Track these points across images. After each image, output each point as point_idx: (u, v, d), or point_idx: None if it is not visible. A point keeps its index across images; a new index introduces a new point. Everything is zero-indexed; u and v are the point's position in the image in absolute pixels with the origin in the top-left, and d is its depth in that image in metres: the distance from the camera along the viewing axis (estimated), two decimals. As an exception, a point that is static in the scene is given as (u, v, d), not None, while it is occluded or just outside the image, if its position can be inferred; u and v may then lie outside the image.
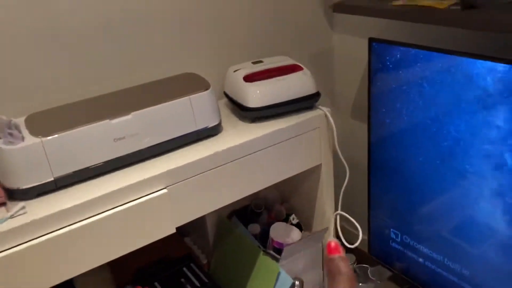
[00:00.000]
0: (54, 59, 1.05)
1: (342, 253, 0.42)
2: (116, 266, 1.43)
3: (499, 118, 0.84)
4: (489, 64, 0.82)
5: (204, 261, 1.47)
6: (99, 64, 1.11)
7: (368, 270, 1.23)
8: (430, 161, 1.01)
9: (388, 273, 1.28)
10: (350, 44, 1.43)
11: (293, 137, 1.15)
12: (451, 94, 0.91)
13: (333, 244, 0.43)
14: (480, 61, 0.83)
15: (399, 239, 1.17)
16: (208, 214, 1.44)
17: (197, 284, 1.32)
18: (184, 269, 1.38)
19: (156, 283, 1.33)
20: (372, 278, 1.18)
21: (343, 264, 0.41)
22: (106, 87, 1.11)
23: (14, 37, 0.99)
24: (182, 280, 1.34)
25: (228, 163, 1.06)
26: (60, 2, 1.02)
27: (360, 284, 1.20)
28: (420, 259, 1.12)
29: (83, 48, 1.08)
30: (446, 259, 1.06)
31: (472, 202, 0.94)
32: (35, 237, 0.85)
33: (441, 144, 0.97)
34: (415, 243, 1.12)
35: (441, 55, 0.90)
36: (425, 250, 1.10)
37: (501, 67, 0.81)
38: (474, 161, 0.91)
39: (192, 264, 1.39)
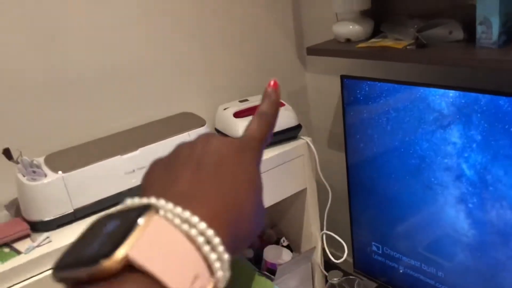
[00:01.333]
0: (66, 105, 1.17)
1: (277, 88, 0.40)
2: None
3: (454, 135, 1.01)
4: (441, 91, 0.99)
5: None
6: (105, 108, 1.24)
7: (355, 283, 1.35)
8: (401, 177, 1.16)
9: (373, 285, 1.40)
10: (321, 82, 1.61)
11: (280, 165, 1.29)
12: (414, 118, 1.08)
13: (272, 82, 0.40)
14: (434, 89, 1.00)
15: (380, 251, 1.30)
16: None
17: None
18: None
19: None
20: (358, 290, 1.30)
21: (274, 91, 0.40)
22: (113, 128, 1.23)
23: (30, 88, 1.12)
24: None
25: (225, 190, 1.18)
26: (69, 53, 1.16)
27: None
28: (401, 267, 1.26)
29: (91, 94, 1.21)
30: (422, 264, 1.19)
31: (439, 210, 1.09)
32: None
33: (409, 162, 1.13)
34: (395, 253, 1.26)
35: (402, 86, 1.07)
36: (404, 258, 1.23)
37: (451, 93, 0.98)
38: (437, 174, 1.07)
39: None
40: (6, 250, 0.94)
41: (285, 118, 1.33)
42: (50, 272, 0.90)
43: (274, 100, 0.40)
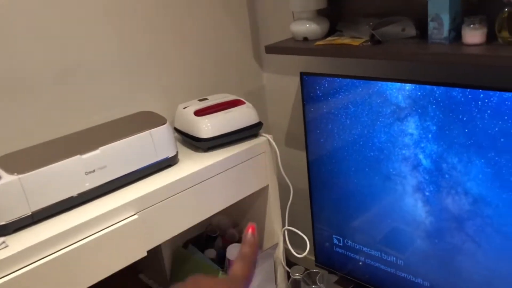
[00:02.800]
0: (19, 105, 1.12)
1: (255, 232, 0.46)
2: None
3: (411, 127, 1.05)
4: (398, 85, 1.04)
5: (162, 293, 1.53)
6: (62, 107, 1.19)
7: (317, 277, 1.37)
8: (360, 170, 1.20)
9: (335, 278, 1.43)
10: (278, 81, 1.64)
11: (243, 162, 1.30)
12: (372, 112, 1.12)
13: (251, 229, 0.47)
14: (391, 83, 1.05)
15: (341, 244, 1.33)
16: (164, 246, 1.53)
17: (161, 312, 1.38)
18: (146, 300, 1.43)
19: (120, 317, 1.37)
20: (319, 284, 1.32)
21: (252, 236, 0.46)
22: (71, 128, 1.19)
23: (-21, 86, 1.06)
24: (146, 310, 1.39)
25: (189, 188, 1.17)
26: (22, 52, 1.11)
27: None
28: (361, 258, 1.29)
29: (45, 94, 1.16)
30: (382, 254, 1.23)
31: (398, 199, 1.14)
32: (17, 269, 0.90)
33: (368, 155, 1.17)
34: (355, 245, 1.29)
35: (361, 81, 1.11)
36: (365, 249, 1.27)
37: (407, 86, 1.03)
38: (396, 165, 1.12)
39: (153, 295, 1.45)
40: (-42, 257, 0.88)
41: (246, 116, 1.33)
42: (6, 278, 0.85)
43: (253, 243, 0.46)
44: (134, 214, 1.06)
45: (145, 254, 1.10)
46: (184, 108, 1.34)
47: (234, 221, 1.60)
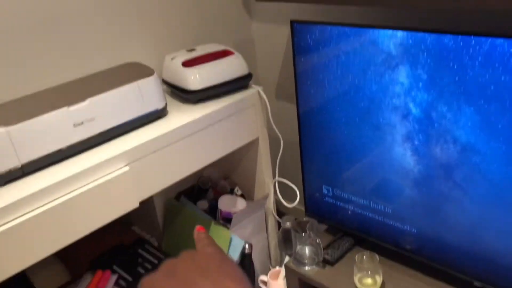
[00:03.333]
0: (0, 60, 1.09)
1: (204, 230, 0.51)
2: (69, 260, 1.47)
3: (401, 75, 1.05)
4: (389, 32, 1.02)
5: (155, 244, 1.55)
6: (45, 59, 1.16)
7: (307, 226, 1.40)
8: (351, 120, 1.20)
9: (324, 227, 1.47)
10: (268, 30, 1.60)
11: (233, 114, 1.29)
12: (363, 61, 1.10)
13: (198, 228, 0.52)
14: (383, 30, 1.03)
15: (331, 194, 1.35)
16: (156, 198, 1.54)
17: (155, 261, 1.41)
18: (140, 251, 1.46)
19: (114, 267, 1.39)
20: (309, 232, 1.35)
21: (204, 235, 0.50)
22: (57, 80, 1.16)
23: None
24: (140, 260, 1.42)
25: (180, 141, 1.17)
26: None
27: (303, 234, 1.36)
28: (350, 207, 1.32)
29: (29, 44, 1.13)
30: (371, 203, 1.26)
31: (388, 149, 1.15)
32: (9, 220, 0.90)
33: (358, 105, 1.16)
34: (344, 194, 1.31)
35: (352, 29, 1.09)
36: (354, 198, 1.29)
37: (399, 33, 1.01)
38: (386, 115, 1.12)
39: (146, 246, 1.48)
40: (-51, 210, 0.88)
41: (235, 67, 1.31)
42: (-1, 230, 0.85)
43: (207, 236, 0.50)
44: (125, 166, 1.06)
45: (137, 205, 1.11)
46: (172, 59, 1.31)
47: (225, 173, 1.61)
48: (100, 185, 1.02)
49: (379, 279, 1.21)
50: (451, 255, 1.14)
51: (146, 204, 1.57)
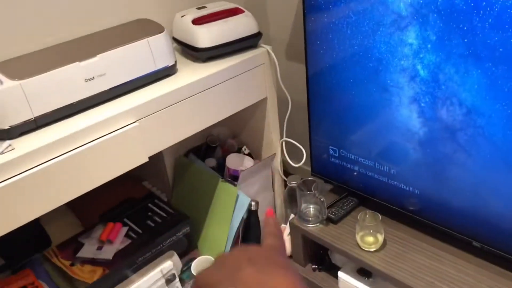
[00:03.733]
0: (16, 12, 1.10)
1: (274, 216, 0.52)
2: (82, 212, 1.53)
3: (410, 36, 1.04)
4: (401, -8, 1.01)
5: (165, 199, 1.60)
6: (58, 14, 1.17)
7: (312, 185, 1.43)
8: (359, 82, 1.20)
9: (329, 186, 1.49)
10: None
11: (242, 73, 1.30)
12: (373, 21, 1.10)
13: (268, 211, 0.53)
14: (394, -10, 1.02)
15: (337, 154, 1.37)
16: (166, 155, 1.58)
17: (164, 215, 1.46)
18: (149, 205, 1.51)
19: (125, 219, 1.45)
20: (314, 191, 1.38)
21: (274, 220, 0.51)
22: (68, 35, 1.18)
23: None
24: (149, 213, 1.47)
25: (189, 98, 1.19)
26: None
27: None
28: (355, 168, 1.34)
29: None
30: (376, 164, 1.28)
31: (394, 110, 1.16)
32: (22, 171, 0.94)
33: (367, 66, 1.16)
34: (350, 155, 1.33)
35: (363, -12, 1.08)
36: (359, 159, 1.31)
37: (410, -6, 1.00)
38: (393, 76, 1.12)
39: (156, 200, 1.52)
40: (-33, 158, 0.92)
41: (245, 26, 1.31)
42: (12, 179, 0.89)
43: (275, 222, 0.51)
44: (135, 122, 1.09)
45: (146, 159, 1.14)
46: (182, 16, 1.31)
47: (234, 132, 1.63)
48: (110, 139, 1.05)
49: (380, 237, 1.24)
50: (452, 216, 1.17)
51: (157, 160, 1.61)
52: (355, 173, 1.35)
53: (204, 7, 1.36)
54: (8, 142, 0.96)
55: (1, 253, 1.34)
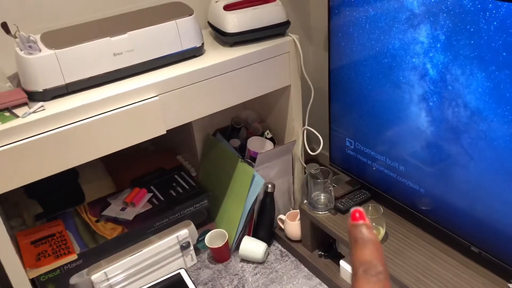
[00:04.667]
0: (61, -12, 1.24)
1: (367, 220, 0.35)
2: (116, 175, 1.67)
3: (422, 35, 1.05)
4: (415, -10, 1.02)
5: (194, 174, 1.71)
6: (99, -7, 1.30)
7: (328, 175, 1.46)
8: (374, 76, 1.22)
9: (346, 178, 1.52)
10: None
11: (265, 59, 1.36)
12: (389, 18, 1.11)
13: (357, 213, 0.35)
14: (408, -13, 1.03)
15: (352, 146, 1.40)
16: (196, 132, 1.68)
17: (186, 187, 1.56)
18: (176, 176, 1.62)
19: (151, 187, 1.57)
20: (329, 180, 1.41)
21: (367, 231, 0.34)
22: (101, 14, 1.30)
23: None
24: (174, 184, 1.58)
25: (210, 78, 1.27)
26: None
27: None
28: (368, 161, 1.36)
29: (85, -21, 1.26)
30: (386, 159, 1.29)
31: (405, 107, 1.16)
32: (51, 128, 1.07)
33: (382, 61, 1.18)
34: (363, 148, 1.35)
35: (382, -16, 1.09)
36: (371, 152, 1.33)
37: (423, -8, 1.01)
38: (405, 73, 1.13)
39: (182, 173, 1.63)
40: (7, 114, 1.07)
41: (274, 14, 1.36)
42: (41, 135, 1.02)
43: (369, 227, 0.35)
44: (155, 96, 1.19)
45: (164, 132, 1.24)
46: (216, 1, 1.39)
47: (260, 116, 1.70)
48: (130, 110, 1.16)
49: (382, 230, 1.26)
50: (454, 218, 1.16)
51: (188, 137, 1.72)
52: (367, 167, 1.37)
53: (240, -7, 1.42)
54: (41, 103, 1.09)
55: (42, 203, 1.51)
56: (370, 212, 1.27)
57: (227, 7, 1.35)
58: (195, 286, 1.39)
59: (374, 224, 1.26)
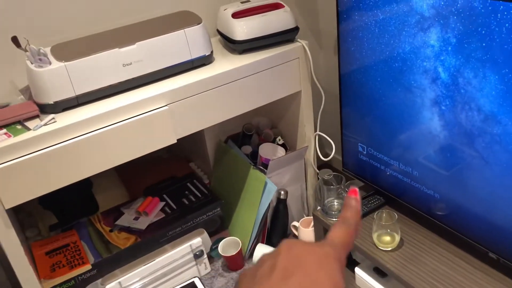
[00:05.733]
0: (68, 5, 1.25)
1: (358, 196, 0.43)
2: (129, 184, 1.68)
3: (432, 38, 1.03)
4: (424, -7, 1.00)
5: (206, 181, 1.71)
6: (108, 4, 1.31)
7: (342, 181, 1.44)
8: (385, 81, 1.20)
9: (360, 184, 1.50)
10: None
11: (275, 66, 1.35)
12: (399, 21, 1.09)
13: (354, 193, 0.43)
14: (417, -10, 1.01)
15: (365, 152, 1.38)
16: (208, 139, 1.68)
17: (199, 195, 1.56)
18: (188, 184, 1.62)
19: (164, 195, 1.58)
20: (343, 186, 1.40)
21: (356, 203, 0.42)
22: (114, 25, 1.31)
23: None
24: (186, 192, 1.58)
25: (220, 86, 1.26)
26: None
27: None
28: (381, 166, 1.34)
29: (94, -9, 1.28)
30: (400, 164, 1.27)
31: (417, 111, 1.14)
32: (62, 140, 1.08)
33: (393, 65, 1.16)
34: (376, 153, 1.33)
35: (391, -12, 1.08)
36: (384, 158, 1.31)
37: (433, -5, 0.99)
38: (417, 77, 1.11)
39: (195, 181, 1.63)
40: (19, 127, 1.08)
41: (282, 20, 1.36)
42: (53, 147, 1.03)
43: (356, 209, 0.42)
44: (165, 106, 1.19)
45: (175, 141, 1.24)
46: (224, 9, 1.39)
47: (272, 122, 1.69)
48: (141, 120, 1.16)
49: (397, 237, 1.24)
50: (470, 224, 1.14)
51: (200, 144, 1.72)
52: (380, 172, 1.35)
53: (248, 1, 1.42)
54: (52, 115, 1.10)
55: (56, 213, 1.52)
56: (384, 218, 1.25)
57: (236, 15, 1.35)
58: (209, 294, 1.39)
59: (388, 230, 1.24)
